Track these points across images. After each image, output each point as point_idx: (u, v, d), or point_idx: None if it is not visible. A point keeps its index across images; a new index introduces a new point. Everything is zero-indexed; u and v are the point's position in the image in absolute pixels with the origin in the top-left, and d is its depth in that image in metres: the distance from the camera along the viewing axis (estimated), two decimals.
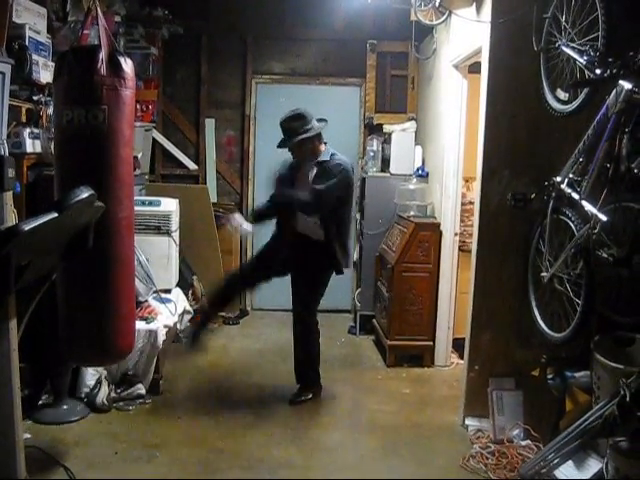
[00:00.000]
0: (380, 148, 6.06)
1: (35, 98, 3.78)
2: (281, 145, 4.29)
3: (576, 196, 2.95)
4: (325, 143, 4.34)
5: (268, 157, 5.50)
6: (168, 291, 4.92)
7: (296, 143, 4.21)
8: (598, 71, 2.67)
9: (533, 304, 3.46)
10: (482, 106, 3.86)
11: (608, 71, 2.63)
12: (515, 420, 3.70)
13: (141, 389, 4.16)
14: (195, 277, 5.95)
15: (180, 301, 5.08)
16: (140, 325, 4.10)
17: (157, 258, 4.84)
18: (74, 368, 3.92)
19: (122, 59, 2.94)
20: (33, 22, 3.68)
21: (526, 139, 3.74)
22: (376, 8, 5.70)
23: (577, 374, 3.38)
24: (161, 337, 4.28)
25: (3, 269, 2.16)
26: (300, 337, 4.41)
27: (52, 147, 3.57)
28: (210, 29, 6.30)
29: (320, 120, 4.29)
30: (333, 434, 3.90)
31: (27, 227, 2.17)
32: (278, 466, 3.46)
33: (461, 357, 4.90)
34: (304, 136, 4.19)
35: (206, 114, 6.44)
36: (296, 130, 4.19)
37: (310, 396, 4.38)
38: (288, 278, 4.44)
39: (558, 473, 3.03)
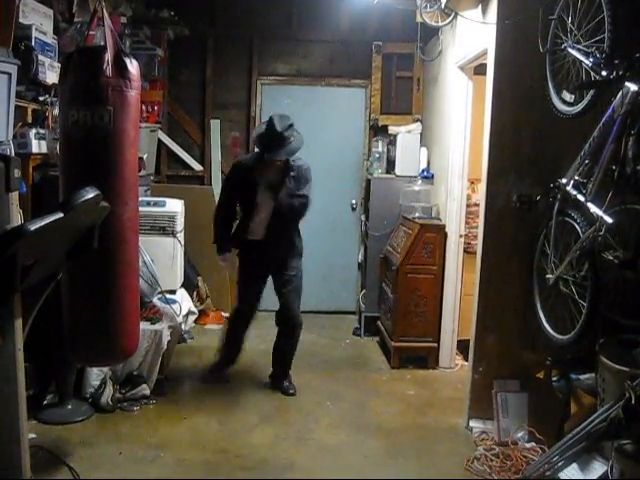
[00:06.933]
0: (385, 149, 6.07)
1: (41, 99, 3.80)
2: (275, 155, 4.15)
3: (582, 198, 2.95)
4: None
5: None
6: (173, 292, 4.93)
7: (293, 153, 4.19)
8: (604, 73, 2.66)
9: (538, 306, 3.45)
10: (487, 107, 3.85)
11: (614, 73, 2.62)
12: (520, 422, 3.69)
13: (145, 389, 4.16)
14: (200, 278, 5.97)
15: (185, 302, 5.08)
16: (145, 326, 4.11)
17: (162, 259, 4.84)
18: (79, 368, 3.92)
19: (128, 60, 2.94)
20: (39, 23, 3.69)
21: (532, 141, 3.74)
22: (381, 10, 5.71)
23: (582, 376, 3.37)
24: (166, 338, 4.29)
25: (9, 269, 2.16)
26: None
27: (58, 148, 3.58)
28: (216, 30, 6.31)
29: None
30: (337, 435, 3.89)
31: (33, 227, 2.17)
32: (282, 467, 3.47)
33: (466, 359, 4.88)
34: (300, 147, 4.19)
35: (211, 115, 6.44)
36: (288, 138, 4.14)
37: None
38: None
39: (563, 475, 3.01)
